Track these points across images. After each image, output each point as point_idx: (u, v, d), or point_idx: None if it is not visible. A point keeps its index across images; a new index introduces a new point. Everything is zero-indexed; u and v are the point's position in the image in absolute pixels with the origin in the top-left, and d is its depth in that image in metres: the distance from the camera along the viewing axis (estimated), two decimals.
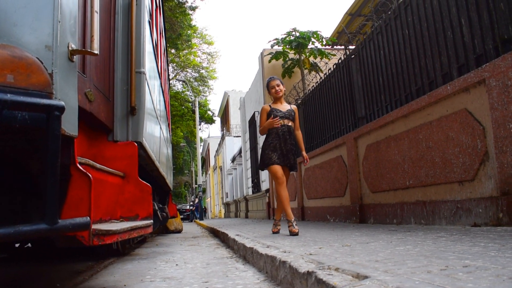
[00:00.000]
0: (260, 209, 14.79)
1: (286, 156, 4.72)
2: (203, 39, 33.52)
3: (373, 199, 5.83)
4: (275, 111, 4.81)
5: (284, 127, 4.77)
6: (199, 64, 33.49)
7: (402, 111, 4.95)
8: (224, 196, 30.79)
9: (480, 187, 3.81)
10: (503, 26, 3.70)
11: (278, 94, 4.87)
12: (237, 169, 23.38)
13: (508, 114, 3.41)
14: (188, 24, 25.81)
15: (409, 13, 5.13)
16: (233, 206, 24.85)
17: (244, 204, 19.18)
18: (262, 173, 14.29)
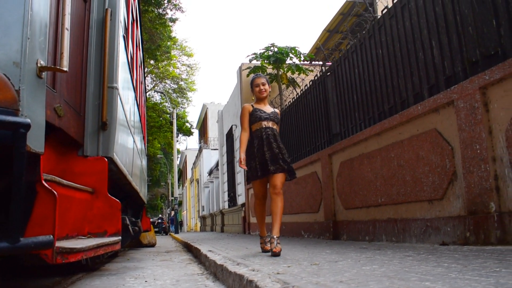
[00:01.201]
0: (236, 223, 14.74)
1: (273, 161, 4.15)
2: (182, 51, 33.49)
3: (346, 216, 5.88)
4: (259, 112, 4.35)
5: (269, 130, 4.28)
6: (178, 76, 33.40)
7: (375, 129, 5.03)
8: (200, 209, 30.58)
9: (448, 206, 3.88)
10: (471, 49, 3.82)
11: (262, 94, 4.42)
12: (213, 182, 23.29)
13: (475, 135, 3.50)
14: (168, 35, 25.77)
15: (383, 33, 5.24)
16: (209, 220, 24.68)
17: (220, 218, 19.08)
18: (238, 187, 14.27)
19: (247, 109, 4.42)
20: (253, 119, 4.34)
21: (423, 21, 4.46)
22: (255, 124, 4.33)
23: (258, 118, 4.31)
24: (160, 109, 31.60)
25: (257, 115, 4.32)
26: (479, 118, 3.45)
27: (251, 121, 4.36)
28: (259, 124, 4.31)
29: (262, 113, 4.33)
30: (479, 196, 3.46)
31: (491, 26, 3.61)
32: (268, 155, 4.16)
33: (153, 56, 24.76)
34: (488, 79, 3.37)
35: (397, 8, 4.92)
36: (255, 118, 4.33)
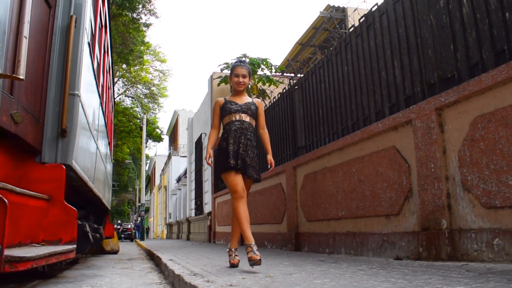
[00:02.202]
0: (202, 232, 14.67)
1: (239, 157, 3.75)
2: (156, 56, 33.33)
3: (308, 228, 5.96)
4: (229, 104, 3.95)
5: (239, 123, 3.85)
6: (150, 81, 33.18)
7: (338, 144, 5.14)
8: (167, 216, 30.29)
9: (404, 222, 4.00)
10: (430, 71, 3.97)
11: (240, 86, 3.97)
12: (181, 189, 23.14)
13: (430, 154, 3.63)
14: (141, 40, 25.61)
15: (349, 51, 5.38)
16: (176, 227, 24.47)
17: (186, 226, 18.95)
18: (206, 195, 14.23)
19: (218, 104, 4.06)
20: (223, 113, 3.98)
21: (387, 41, 4.61)
22: (226, 117, 3.97)
23: (228, 111, 3.94)
24: (130, 114, 31.29)
25: (227, 108, 3.95)
26: (434, 138, 3.58)
27: (222, 115, 4.00)
28: (229, 117, 3.94)
29: (233, 105, 3.95)
30: (432, 213, 3.58)
31: (449, 50, 3.76)
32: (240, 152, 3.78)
33: (125, 60, 24.54)
34: (443, 101, 3.50)
35: (363, 27, 5.07)
36: (225, 111, 3.96)
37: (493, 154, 3.06)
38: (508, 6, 3.20)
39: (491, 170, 3.07)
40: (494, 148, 3.06)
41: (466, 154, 3.30)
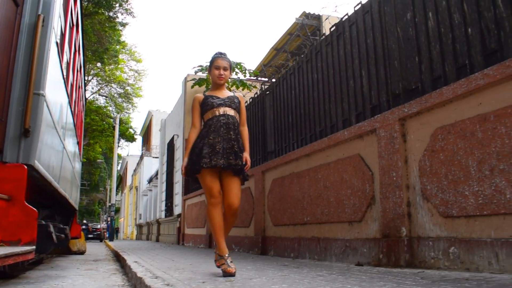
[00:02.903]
0: (172, 234, 14.58)
1: (227, 155, 3.45)
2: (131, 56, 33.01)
3: (274, 232, 6.00)
4: (211, 98, 3.65)
5: (224, 117, 3.56)
6: (125, 81, 32.83)
7: (306, 150, 5.20)
8: (137, 217, 29.96)
9: (366, 228, 4.08)
10: (395, 82, 4.06)
11: (221, 79, 3.70)
12: (152, 190, 22.95)
13: (392, 163, 3.72)
14: (117, 39, 25.36)
15: (319, 59, 5.46)
16: (146, 229, 24.23)
17: (156, 227, 18.79)
18: (176, 197, 14.15)
19: (198, 100, 3.72)
20: (205, 108, 3.65)
21: (356, 51, 4.70)
22: (207, 112, 3.64)
23: (210, 105, 3.62)
24: (104, 113, 30.89)
25: (209, 103, 3.64)
26: (397, 148, 3.67)
27: (204, 111, 3.67)
28: (211, 112, 3.61)
29: (214, 99, 3.65)
30: (393, 220, 3.66)
31: (414, 62, 3.86)
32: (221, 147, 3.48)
33: (100, 59, 24.25)
34: (406, 112, 3.60)
35: (333, 36, 5.15)
36: (206, 106, 3.64)
37: (451, 165, 3.16)
38: (470, 22, 3.31)
39: (449, 180, 3.17)
40: (452, 159, 3.16)
41: (426, 164, 3.40)
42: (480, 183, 2.92)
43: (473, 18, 3.27)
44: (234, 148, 3.51)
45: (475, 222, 2.97)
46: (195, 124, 3.72)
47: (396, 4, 4.11)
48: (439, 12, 3.61)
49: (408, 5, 3.95)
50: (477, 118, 2.97)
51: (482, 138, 2.93)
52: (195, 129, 3.70)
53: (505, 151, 2.75)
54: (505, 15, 3.02)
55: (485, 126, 2.91)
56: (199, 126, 3.71)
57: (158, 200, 18.87)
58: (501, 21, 3.06)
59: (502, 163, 2.77)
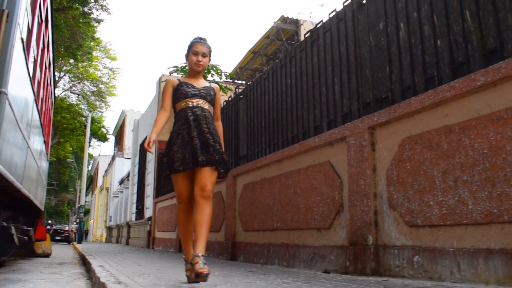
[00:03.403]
0: (142, 237, 14.38)
1: (203, 150, 3.18)
2: (106, 53, 32.56)
3: (245, 238, 5.97)
4: (186, 86, 3.34)
5: (198, 109, 3.28)
6: (98, 78, 32.35)
7: (277, 156, 5.20)
8: (107, 219, 29.47)
9: (334, 236, 4.09)
10: (366, 91, 4.10)
11: (199, 66, 3.39)
12: (123, 192, 22.62)
13: (361, 172, 3.74)
14: (91, 35, 24.93)
15: (293, 65, 5.47)
16: (116, 231, 23.85)
17: (126, 230, 18.51)
18: (147, 200, 13.97)
19: (171, 84, 3.41)
20: (178, 96, 3.35)
21: (329, 58, 4.73)
22: (180, 102, 3.34)
23: (184, 94, 3.31)
24: (75, 111, 30.29)
25: (183, 91, 3.32)
26: (366, 156, 3.70)
27: (176, 99, 3.37)
28: (184, 102, 3.32)
29: (189, 88, 3.34)
30: (360, 228, 3.68)
31: (385, 71, 3.91)
32: (197, 142, 3.20)
33: (73, 55, 23.77)
34: (376, 121, 3.63)
35: (308, 43, 5.17)
36: (180, 95, 3.33)
37: (417, 175, 3.20)
38: (440, 35, 3.37)
39: (415, 190, 3.21)
40: (418, 169, 3.20)
41: (393, 173, 3.43)
42: (444, 193, 2.96)
43: (443, 30, 3.32)
44: (209, 142, 3.23)
45: (439, 231, 3.00)
46: (165, 107, 3.40)
47: (369, 13, 4.15)
48: (410, 23, 3.66)
49: (381, 15, 4.00)
50: (443, 130, 3.01)
51: (447, 149, 2.97)
52: (165, 112, 3.38)
53: (469, 163, 2.80)
54: (473, 29, 3.08)
55: (450, 138, 2.95)
56: (169, 110, 3.41)
57: (129, 202, 18.60)
58: (469, 34, 3.12)
59: (466, 174, 2.81)
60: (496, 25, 2.90)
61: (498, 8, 2.90)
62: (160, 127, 3.32)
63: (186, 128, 3.25)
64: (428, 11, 3.46)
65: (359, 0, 4.29)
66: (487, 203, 2.66)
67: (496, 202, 2.61)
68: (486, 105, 2.73)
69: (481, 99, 2.77)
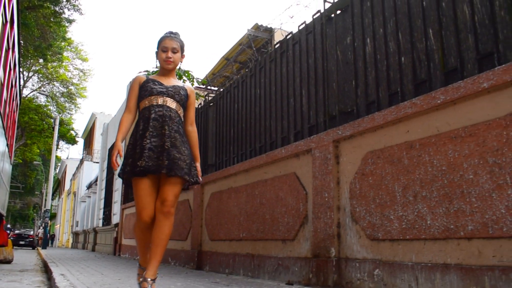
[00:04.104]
0: (108, 244, 14.12)
1: (164, 155, 2.86)
2: (77, 54, 32.09)
3: (211, 247, 5.93)
4: (152, 83, 3.06)
5: (162, 109, 2.99)
6: (68, 80, 31.82)
7: (244, 165, 5.19)
8: (74, 224, 28.83)
9: (298, 247, 4.10)
10: (333, 104, 4.14)
11: (168, 63, 3.12)
12: (91, 197, 22.19)
13: (325, 184, 3.77)
14: (62, 36, 24.50)
15: (263, 75, 5.48)
16: (82, 237, 23.35)
17: (92, 236, 18.15)
18: (115, 206, 13.74)
19: (138, 81, 3.13)
20: (143, 94, 3.07)
21: (297, 69, 4.76)
22: (145, 100, 3.06)
23: (149, 91, 3.03)
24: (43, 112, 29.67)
25: (148, 88, 3.04)
26: (330, 169, 3.73)
27: (140, 97, 3.10)
28: (148, 100, 3.04)
29: (156, 85, 3.06)
30: (323, 241, 3.70)
31: (351, 85, 3.96)
32: (148, 142, 2.89)
33: (42, 55, 23.29)
34: (340, 134, 3.67)
35: (277, 53, 5.20)
36: (144, 92, 3.05)
37: (379, 189, 3.24)
38: (404, 52, 3.43)
39: (377, 204, 3.25)
40: (380, 183, 3.24)
41: (356, 187, 3.46)
42: (404, 208, 3.01)
43: (407, 48, 3.39)
44: (165, 146, 2.89)
45: (399, 246, 3.05)
46: (129, 108, 3.13)
47: (338, 27, 4.20)
48: (377, 39, 3.72)
49: (348, 29, 4.05)
50: (404, 145, 3.07)
51: (408, 164, 3.02)
52: (129, 114, 3.12)
53: (428, 179, 2.85)
54: (435, 48, 3.15)
55: (411, 153, 3.00)
56: (134, 111, 3.15)
57: (96, 208, 18.25)
58: (431, 53, 3.19)
59: (425, 190, 2.87)
60: (457, 45, 2.97)
61: (460, 29, 2.98)
62: (125, 130, 3.06)
63: (145, 129, 2.96)
64: (394, 28, 3.53)
65: (327, 14, 4.34)
66: (445, 219, 2.72)
67: (453, 218, 2.67)
68: (446, 123, 2.80)
69: (440, 116, 2.84)
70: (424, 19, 3.25)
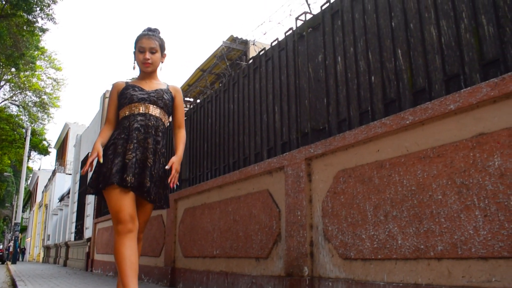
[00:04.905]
0: (81, 258, 13.81)
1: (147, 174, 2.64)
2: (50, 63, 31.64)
3: (184, 264, 5.85)
4: (132, 89, 2.81)
5: (144, 118, 2.75)
6: (41, 89, 31.32)
7: (218, 181, 5.15)
8: (45, 238, 28.14)
9: (272, 266, 4.07)
10: (305, 121, 4.15)
11: (147, 65, 2.84)
12: (63, 210, 21.70)
13: (297, 202, 3.76)
14: (35, 45, 24.13)
15: (236, 90, 5.47)
16: (54, 251, 22.78)
17: (64, 251, 17.72)
18: (87, 219, 13.47)
19: (116, 89, 2.87)
20: (122, 101, 2.82)
21: (270, 86, 4.77)
22: (125, 108, 2.81)
23: (129, 99, 2.77)
24: (15, 122, 29.10)
25: (128, 95, 2.79)
26: (303, 187, 3.73)
27: (120, 104, 2.85)
28: (128, 108, 2.79)
29: (136, 92, 2.80)
30: (296, 259, 3.69)
31: (323, 103, 3.97)
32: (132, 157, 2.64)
33: (14, 64, 22.87)
34: (312, 152, 3.67)
35: (251, 69, 5.20)
36: (124, 100, 2.80)
37: (351, 208, 3.25)
38: (374, 71, 3.47)
39: (349, 223, 3.25)
40: (352, 202, 3.25)
41: (328, 205, 3.46)
42: (375, 227, 3.02)
43: (376, 67, 3.42)
44: (147, 162, 2.64)
45: (371, 265, 3.05)
46: (109, 120, 2.89)
47: (309, 45, 4.23)
48: (347, 58, 3.75)
49: (320, 47, 4.08)
50: (375, 164, 3.08)
51: (378, 184, 3.04)
52: (109, 126, 2.88)
53: (398, 198, 2.87)
54: (404, 68, 3.19)
55: (381, 173, 3.02)
56: (114, 121, 2.90)
57: (69, 221, 17.85)
58: (400, 73, 3.23)
59: (395, 209, 2.88)
60: (425, 66, 3.02)
61: (427, 50, 3.03)
62: (106, 138, 2.81)
63: (124, 138, 2.70)
64: (364, 47, 3.56)
65: (299, 32, 4.36)
66: (415, 239, 2.73)
67: (423, 238, 2.68)
68: (414, 143, 2.82)
69: (410, 137, 2.86)
70: (393, 40, 3.29)
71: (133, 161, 2.64)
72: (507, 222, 2.24)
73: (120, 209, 2.56)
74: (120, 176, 2.60)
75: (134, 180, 2.61)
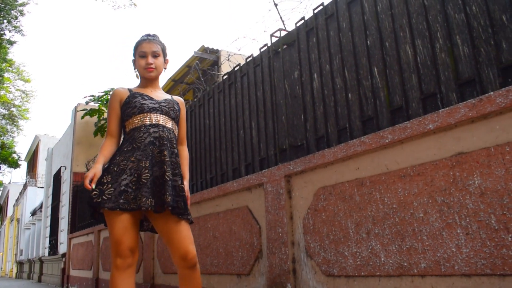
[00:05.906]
0: (55, 274, 13.48)
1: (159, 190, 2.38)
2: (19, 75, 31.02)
3: (164, 280, 5.77)
4: (140, 98, 2.57)
5: (158, 129, 2.51)
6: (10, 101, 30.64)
7: (195, 197, 5.10)
8: (18, 253, 27.38)
9: (254, 282, 4.05)
10: (283, 137, 4.15)
11: (150, 71, 2.62)
12: (36, 224, 21.17)
13: (278, 219, 3.75)
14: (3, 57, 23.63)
15: (211, 105, 5.45)
16: (27, 266, 22.19)
17: (38, 266, 17.28)
18: (61, 234, 13.17)
19: (119, 96, 2.60)
20: (131, 111, 2.55)
21: (246, 101, 4.76)
22: (133, 118, 2.55)
23: (139, 108, 2.53)
24: None
25: (137, 103, 2.54)
26: (283, 204, 3.72)
27: (127, 115, 2.57)
28: (139, 118, 2.53)
29: (145, 101, 2.56)
30: (279, 276, 3.68)
31: (300, 119, 3.98)
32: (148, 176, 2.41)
33: None
34: (292, 169, 3.67)
35: (226, 84, 5.18)
36: (133, 109, 2.54)
37: (332, 225, 3.26)
38: (351, 88, 3.50)
39: (331, 240, 3.26)
40: (333, 219, 3.26)
41: (310, 222, 3.47)
42: (358, 244, 3.03)
43: (353, 84, 3.46)
44: (165, 177, 2.39)
45: (354, 282, 3.06)
46: (111, 132, 2.61)
47: (285, 61, 4.24)
48: (323, 75, 3.77)
49: (296, 64, 4.10)
50: (355, 182, 3.10)
51: (359, 201, 3.05)
52: (111, 139, 2.60)
53: (379, 216, 2.89)
54: (381, 86, 3.23)
55: (362, 191, 3.04)
56: (118, 134, 2.63)
57: (42, 236, 17.40)
58: (377, 90, 3.26)
59: (377, 227, 2.90)
60: (402, 84, 3.06)
61: (403, 69, 3.07)
62: (109, 155, 2.53)
63: (137, 153, 2.45)
64: (340, 64, 3.59)
65: (274, 48, 4.37)
66: (398, 256, 2.76)
67: (406, 256, 2.71)
68: (394, 161, 2.85)
69: (389, 155, 2.89)
70: (369, 58, 3.33)
71: (150, 180, 2.41)
72: (489, 240, 2.28)
73: (121, 241, 2.36)
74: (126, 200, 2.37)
75: (151, 202, 2.37)
